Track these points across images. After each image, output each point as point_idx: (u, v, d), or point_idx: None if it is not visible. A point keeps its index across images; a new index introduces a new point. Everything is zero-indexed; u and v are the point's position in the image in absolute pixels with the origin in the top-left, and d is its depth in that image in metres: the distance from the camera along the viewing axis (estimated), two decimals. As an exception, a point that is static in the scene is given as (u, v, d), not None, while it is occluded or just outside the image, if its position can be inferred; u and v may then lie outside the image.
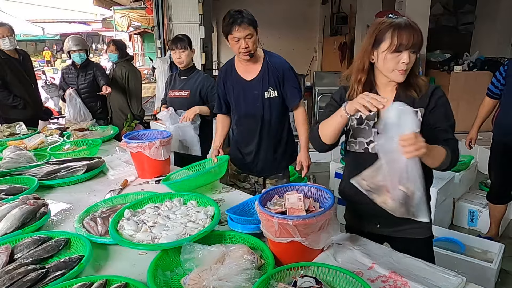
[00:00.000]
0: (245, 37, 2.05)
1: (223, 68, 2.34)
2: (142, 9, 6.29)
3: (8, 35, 3.39)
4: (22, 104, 3.52)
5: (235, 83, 2.26)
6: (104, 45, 16.72)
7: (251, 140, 2.31)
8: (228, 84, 2.29)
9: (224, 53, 9.85)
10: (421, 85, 1.42)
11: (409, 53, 1.34)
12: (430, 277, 1.24)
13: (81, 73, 3.79)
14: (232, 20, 2.03)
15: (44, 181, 2.06)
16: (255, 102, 2.22)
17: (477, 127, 3.13)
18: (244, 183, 2.45)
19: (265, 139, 2.29)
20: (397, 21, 1.36)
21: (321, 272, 1.20)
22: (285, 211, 1.33)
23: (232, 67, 2.27)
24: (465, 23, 7.74)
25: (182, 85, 2.85)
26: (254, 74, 2.22)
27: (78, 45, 3.70)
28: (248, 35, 2.05)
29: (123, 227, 1.47)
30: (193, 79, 2.82)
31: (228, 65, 2.31)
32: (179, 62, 2.82)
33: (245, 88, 2.23)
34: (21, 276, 1.20)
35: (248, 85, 2.22)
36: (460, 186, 3.32)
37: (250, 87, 2.22)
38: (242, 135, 2.36)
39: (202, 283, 1.14)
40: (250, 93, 2.22)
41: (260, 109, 2.22)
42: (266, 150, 2.31)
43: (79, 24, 16.48)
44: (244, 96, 2.24)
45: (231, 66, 2.29)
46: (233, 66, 2.27)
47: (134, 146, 2.15)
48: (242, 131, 2.35)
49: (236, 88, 2.26)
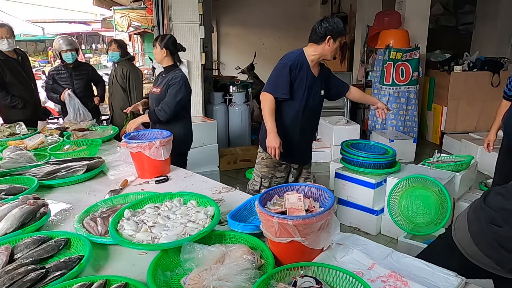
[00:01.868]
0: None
1: (299, 57, 2.46)
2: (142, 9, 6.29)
3: (7, 36, 3.39)
4: (21, 104, 3.52)
5: (309, 77, 2.47)
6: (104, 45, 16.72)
7: (306, 130, 2.57)
8: (301, 73, 2.44)
9: (224, 53, 9.86)
10: None
11: None
12: (430, 277, 1.24)
13: (74, 73, 3.79)
14: (344, 29, 2.41)
15: (44, 181, 2.06)
16: (317, 98, 2.54)
17: (495, 130, 3.16)
18: (282, 173, 2.65)
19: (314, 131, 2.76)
20: None
21: (321, 272, 1.20)
22: (285, 211, 1.33)
23: (305, 61, 2.46)
24: (465, 23, 7.75)
25: (159, 82, 2.94)
26: (317, 72, 2.54)
27: (70, 45, 3.72)
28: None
29: (123, 227, 1.47)
30: (168, 77, 2.88)
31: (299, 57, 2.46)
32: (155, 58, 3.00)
33: (313, 83, 2.49)
34: (21, 276, 1.20)
35: (315, 81, 2.50)
36: (460, 186, 3.31)
37: (316, 83, 2.51)
38: (298, 125, 2.54)
39: (202, 283, 1.14)
40: (315, 88, 2.51)
41: (320, 104, 2.60)
42: (310, 140, 2.76)
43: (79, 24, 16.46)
44: (313, 90, 2.50)
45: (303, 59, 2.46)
46: (306, 59, 2.47)
47: (134, 146, 2.15)
48: (301, 121, 2.53)
49: (309, 80, 2.46)
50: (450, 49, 6.65)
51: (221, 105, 5.57)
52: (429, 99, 6.28)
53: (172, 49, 2.89)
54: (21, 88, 3.56)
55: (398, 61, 5.39)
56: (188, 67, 4.53)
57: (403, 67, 5.42)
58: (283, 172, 2.64)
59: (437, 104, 6.08)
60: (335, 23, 2.38)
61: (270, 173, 2.63)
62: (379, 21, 5.97)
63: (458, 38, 7.67)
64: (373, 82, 5.92)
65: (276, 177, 2.63)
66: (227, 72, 8.74)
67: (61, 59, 3.77)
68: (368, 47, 6.67)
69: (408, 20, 5.89)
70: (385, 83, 5.53)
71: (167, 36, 2.95)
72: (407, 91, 5.52)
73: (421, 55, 5.70)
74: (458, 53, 6.34)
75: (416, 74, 5.48)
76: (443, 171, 3.34)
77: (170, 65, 2.91)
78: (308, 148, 2.78)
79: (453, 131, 5.81)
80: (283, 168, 2.63)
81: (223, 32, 9.72)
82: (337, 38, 2.40)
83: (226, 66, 9.54)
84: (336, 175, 3.50)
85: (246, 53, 7.96)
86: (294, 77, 2.43)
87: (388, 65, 5.45)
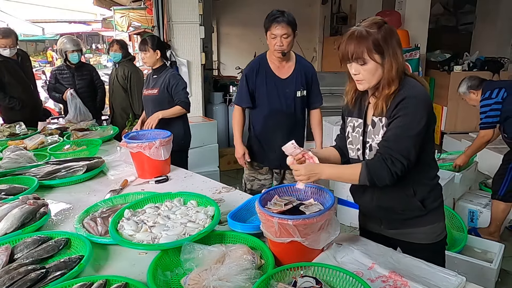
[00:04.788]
0: (281, 36, 2.21)
1: (255, 63, 2.42)
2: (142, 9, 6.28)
3: (11, 46, 3.40)
4: (19, 106, 3.51)
5: (268, 79, 2.38)
6: (105, 45, 16.70)
7: (279, 135, 2.42)
8: (260, 78, 2.38)
9: (224, 53, 9.84)
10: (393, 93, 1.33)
11: (356, 64, 1.33)
12: (430, 277, 1.24)
13: (77, 74, 3.80)
14: (273, 17, 2.21)
15: (44, 181, 2.06)
16: (287, 100, 2.39)
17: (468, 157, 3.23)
18: (265, 175, 2.59)
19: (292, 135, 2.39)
20: (348, 32, 1.34)
21: (321, 272, 1.20)
22: (285, 211, 1.33)
23: (266, 63, 2.38)
24: (465, 23, 7.75)
25: (153, 84, 2.93)
26: (287, 73, 2.39)
27: (76, 46, 3.74)
28: (285, 35, 2.21)
29: (123, 227, 1.47)
30: (162, 77, 2.88)
31: (260, 60, 2.40)
32: (144, 63, 2.99)
33: (278, 85, 2.38)
34: (21, 276, 1.20)
35: (282, 83, 2.38)
36: (460, 186, 3.31)
37: (284, 85, 2.38)
38: (269, 131, 2.47)
39: (202, 283, 1.14)
40: (283, 90, 2.38)
41: (291, 106, 2.41)
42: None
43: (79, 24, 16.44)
44: (278, 93, 2.38)
45: (263, 62, 2.38)
46: (267, 62, 2.38)
47: (134, 146, 2.15)
48: (271, 127, 2.46)
49: (269, 84, 2.38)
50: (450, 49, 6.65)
51: (221, 105, 5.57)
52: (429, 99, 6.28)
53: (163, 48, 2.91)
54: (20, 89, 3.55)
55: (398, 61, 5.39)
56: (188, 67, 4.54)
57: (403, 67, 5.42)
58: (265, 175, 2.59)
59: (437, 104, 6.08)
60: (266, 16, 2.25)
61: (251, 176, 2.60)
62: (379, 21, 5.97)
63: (458, 38, 7.66)
64: (373, 82, 5.91)
65: (259, 180, 2.58)
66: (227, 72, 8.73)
67: (66, 59, 3.77)
68: (368, 47, 6.65)
69: (408, 20, 5.89)
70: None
71: (153, 37, 2.95)
72: (407, 91, 5.51)
73: (421, 55, 5.70)
74: (458, 53, 6.34)
75: (416, 74, 5.47)
76: (443, 171, 3.34)
77: (161, 65, 2.91)
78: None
79: (453, 131, 5.81)
80: (264, 171, 2.58)
81: (223, 32, 9.71)
82: (266, 30, 2.26)
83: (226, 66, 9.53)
84: (336, 175, 3.49)
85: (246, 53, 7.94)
86: (253, 85, 2.41)
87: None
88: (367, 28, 1.30)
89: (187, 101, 2.85)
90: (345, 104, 1.53)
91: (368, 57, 1.30)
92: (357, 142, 1.48)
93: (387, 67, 1.31)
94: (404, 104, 1.31)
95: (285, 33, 2.21)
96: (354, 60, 1.32)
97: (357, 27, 1.33)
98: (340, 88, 6.38)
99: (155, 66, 2.90)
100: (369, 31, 1.29)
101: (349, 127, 1.52)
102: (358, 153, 1.48)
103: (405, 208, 1.47)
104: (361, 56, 1.30)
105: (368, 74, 1.33)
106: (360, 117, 1.47)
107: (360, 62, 1.32)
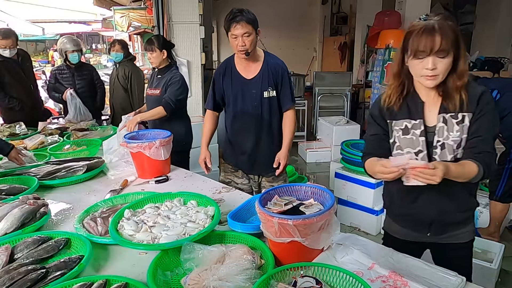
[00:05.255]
0: (242, 35, 2.08)
1: (222, 65, 2.33)
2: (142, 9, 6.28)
3: (11, 47, 3.40)
4: (18, 106, 3.52)
5: (234, 80, 2.27)
6: (105, 45, 16.70)
7: (247, 138, 2.31)
8: (226, 81, 2.29)
9: (224, 53, 9.84)
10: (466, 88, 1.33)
11: (434, 58, 1.28)
12: (430, 277, 1.24)
13: (76, 74, 3.80)
14: (231, 17, 2.08)
15: (44, 181, 2.06)
16: (253, 101, 2.25)
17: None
18: (242, 179, 2.43)
19: (262, 138, 2.31)
20: (421, 25, 1.31)
21: (321, 272, 1.20)
22: (285, 211, 1.33)
23: (232, 65, 2.29)
24: (465, 23, 7.74)
25: (157, 83, 2.92)
26: (254, 73, 2.24)
27: (76, 46, 3.74)
28: (246, 33, 2.08)
29: (123, 227, 1.47)
30: (166, 78, 2.87)
31: (227, 62, 2.32)
32: (151, 63, 2.95)
33: (244, 86, 2.25)
34: (21, 276, 1.20)
35: (247, 84, 2.25)
36: (460, 186, 3.31)
37: (249, 86, 2.25)
38: (238, 133, 2.36)
39: (202, 283, 1.14)
40: (249, 91, 2.25)
41: (258, 108, 2.25)
42: (263, 148, 2.32)
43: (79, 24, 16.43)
44: (243, 95, 2.26)
45: (230, 64, 2.30)
46: (233, 64, 2.29)
47: (134, 146, 2.15)
48: (239, 129, 2.34)
49: (235, 85, 2.27)
50: (450, 49, 6.65)
51: (221, 105, 5.56)
52: (429, 99, 6.28)
53: (169, 48, 2.90)
54: (19, 89, 3.55)
55: (398, 61, 5.40)
56: (188, 67, 4.53)
57: (403, 67, 5.42)
58: (241, 178, 2.42)
59: (437, 104, 6.08)
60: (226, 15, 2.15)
61: (228, 178, 2.45)
62: (379, 21, 5.97)
63: (458, 38, 7.66)
64: (373, 82, 5.92)
65: (236, 183, 2.41)
66: (227, 72, 8.74)
67: (66, 59, 3.78)
68: (368, 47, 6.66)
69: (408, 20, 5.87)
70: (385, 83, 5.53)
71: (159, 37, 2.95)
72: (407, 91, 5.52)
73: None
74: (458, 53, 6.33)
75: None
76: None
77: (166, 65, 2.91)
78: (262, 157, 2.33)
79: (453, 131, 5.81)
80: (240, 174, 2.42)
81: (223, 32, 9.72)
82: (226, 32, 2.15)
83: (226, 66, 9.55)
84: (336, 175, 3.50)
85: (246, 53, 7.95)
86: (220, 88, 2.31)
87: (388, 65, 5.45)
88: (446, 22, 1.30)
89: (170, 102, 2.76)
90: (384, 107, 1.45)
91: (452, 49, 1.29)
92: (416, 144, 1.40)
93: (463, 59, 1.32)
94: (485, 99, 1.34)
95: (246, 32, 2.08)
96: (436, 53, 1.28)
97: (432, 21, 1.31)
98: (340, 88, 6.39)
99: (161, 66, 2.89)
100: (450, 24, 1.30)
101: (396, 130, 1.43)
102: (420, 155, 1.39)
103: (466, 207, 1.46)
104: (445, 48, 1.27)
105: (444, 67, 1.30)
106: (414, 118, 1.40)
107: (441, 55, 1.28)
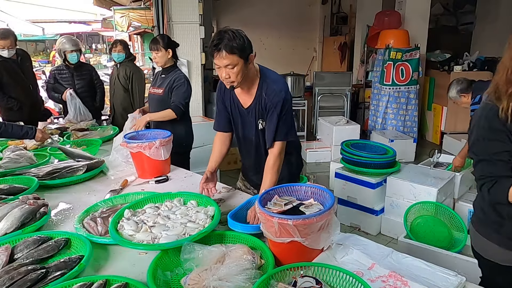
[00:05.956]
0: (225, 67, 1.70)
1: (222, 86, 2.02)
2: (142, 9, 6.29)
3: (10, 47, 3.39)
4: (17, 106, 3.51)
5: (233, 106, 2.01)
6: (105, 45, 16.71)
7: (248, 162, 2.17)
8: (227, 104, 2.03)
9: (224, 53, 9.85)
10: None
11: None
12: (430, 277, 1.24)
13: (76, 74, 3.80)
14: (212, 45, 1.70)
15: (44, 181, 2.06)
16: (251, 130, 2.01)
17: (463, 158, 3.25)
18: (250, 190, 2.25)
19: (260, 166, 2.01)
20: None
21: (321, 272, 1.20)
22: (285, 211, 1.33)
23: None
24: (465, 23, 7.74)
25: (160, 83, 2.92)
26: (249, 102, 1.95)
27: (75, 46, 3.74)
28: (229, 65, 1.69)
29: (123, 227, 1.47)
30: (169, 78, 2.87)
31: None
32: (156, 62, 2.94)
33: (242, 114, 2.00)
34: (21, 276, 1.20)
35: (244, 113, 1.99)
36: (460, 186, 3.31)
37: (246, 115, 1.99)
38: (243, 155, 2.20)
39: (202, 283, 1.14)
40: (247, 119, 1.99)
41: (257, 137, 2.01)
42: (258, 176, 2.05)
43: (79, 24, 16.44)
44: (242, 121, 2.02)
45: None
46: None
47: (134, 146, 2.15)
48: (242, 151, 2.17)
49: (235, 112, 2.02)
50: (450, 49, 6.65)
51: (221, 105, 5.55)
52: (429, 99, 6.28)
53: (174, 47, 2.89)
54: (18, 89, 3.54)
55: (398, 61, 5.40)
56: (188, 67, 4.54)
57: (403, 67, 5.42)
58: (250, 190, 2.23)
59: (437, 104, 6.08)
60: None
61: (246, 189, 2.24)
62: (379, 21, 5.97)
63: (458, 38, 7.66)
64: (373, 82, 5.92)
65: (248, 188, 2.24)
66: (227, 72, 8.73)
67: (65, 59, 3.78)
68: (368, 47, 6.67)
69: (408, 20, 5.89)
70: (385, 83, 5.53)
71: (163, 36, 2.95)
72: (407, 91, 5.52)
73: (421, 55, 5.70)
74: (458, 53, 6.34)
75: (416, 74, 5.48)
76: (442, 171, 3.34)
77: (171, 65, 2.91)
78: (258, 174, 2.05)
79: (453, 131, 5.81)
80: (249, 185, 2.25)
81: (223, 32, 9.73)
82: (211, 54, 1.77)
83: (226, 66, 9.54)
84: (336, 175, 3.50)
85: (246, 53, 7.95)
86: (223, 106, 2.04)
87: (388, 65, 5.45)
88: None
89: (180, 106, 2.77)
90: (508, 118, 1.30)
91: None
92: None
93: None
94: None
95: (229, 64, 1.68)
96: None
97: None
98: (340, 88, 6.39)
99: (166, 65, 2.89)
100: None
101: None
102: None
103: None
104: None
105: None
106: None
107: None
